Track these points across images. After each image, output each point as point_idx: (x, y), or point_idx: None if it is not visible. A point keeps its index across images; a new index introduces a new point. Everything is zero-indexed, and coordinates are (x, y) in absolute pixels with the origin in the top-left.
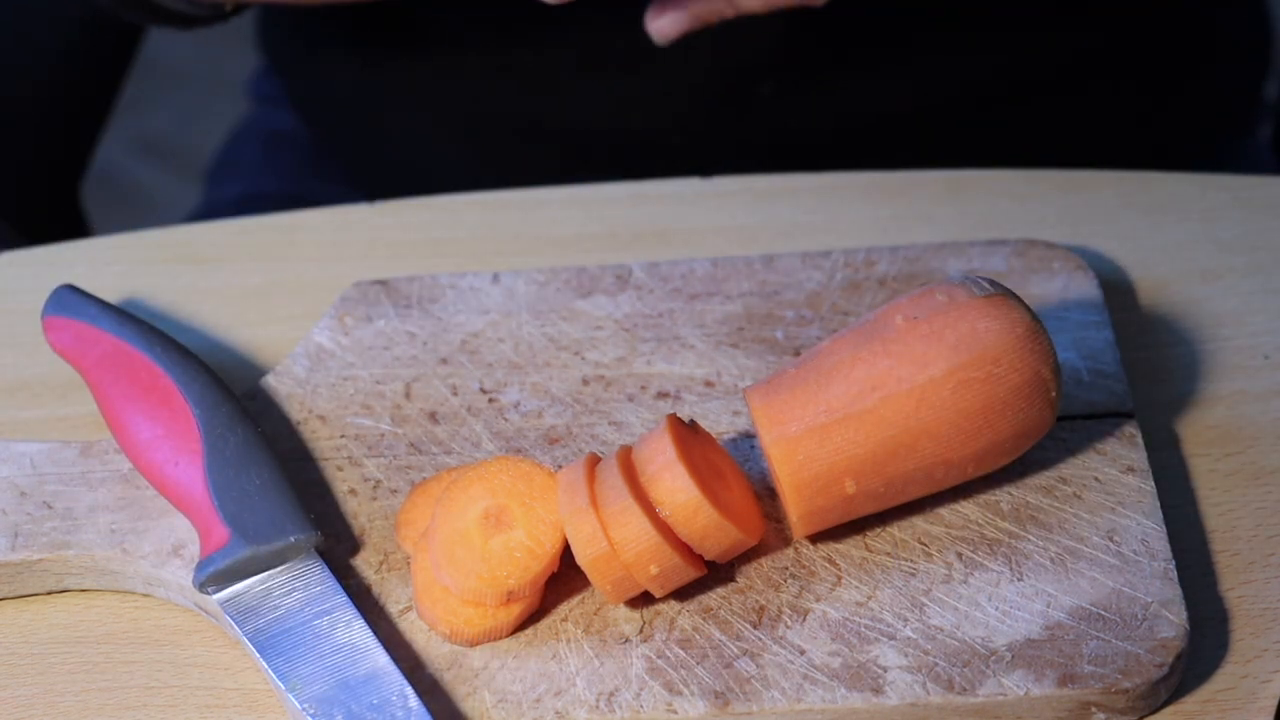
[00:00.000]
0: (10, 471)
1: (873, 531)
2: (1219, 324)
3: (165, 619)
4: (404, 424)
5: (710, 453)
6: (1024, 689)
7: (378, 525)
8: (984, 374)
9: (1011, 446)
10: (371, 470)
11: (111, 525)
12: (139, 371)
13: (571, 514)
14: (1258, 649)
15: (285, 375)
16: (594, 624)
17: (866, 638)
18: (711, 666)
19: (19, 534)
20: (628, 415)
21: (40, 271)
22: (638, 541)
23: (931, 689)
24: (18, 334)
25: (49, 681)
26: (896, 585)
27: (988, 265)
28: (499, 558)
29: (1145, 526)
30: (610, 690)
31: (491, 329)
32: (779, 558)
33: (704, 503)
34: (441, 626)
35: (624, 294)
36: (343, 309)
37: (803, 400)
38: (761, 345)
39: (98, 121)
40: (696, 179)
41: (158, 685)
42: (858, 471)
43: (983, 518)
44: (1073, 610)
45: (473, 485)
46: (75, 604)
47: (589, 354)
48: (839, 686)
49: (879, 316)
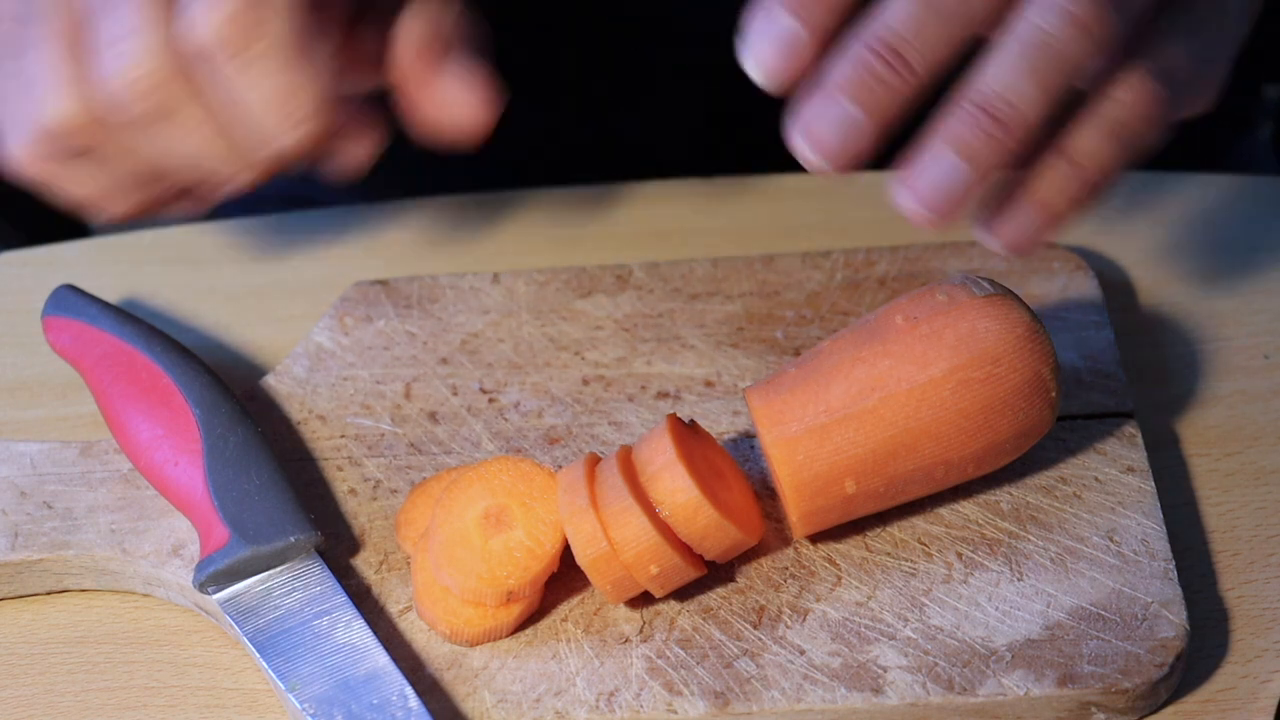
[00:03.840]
0: (10, 471)
1: (873, 531)
2: (1219, 324)
3: (165, 619)
4: (404, 424)
5: (710, 453)
6: (1024, 689)
7: (378, 525)
8: (984, 374)
9: (1011, 447)
10: (371, 470)
11: (111, 525)
12: (139, 371)
13: (571, 514)
14: (1258, 649)
15: (285, 375)
16: (594, 624)
17: (866, 638)
18: (711, 666)
19: (19, 534)
20: (628, 415)
21: (40, 271)
22: (638, 541)
23: (931, 689)
24: (18, 334)
25: (49, 681)
26: (896, 585)
27: (988, 265)
28: (499, 558)
29: (1145, 526)
30: (610, 690)
31: (491, 329)
32: (779, 558)
33: (704, 503)
34: (441, 626)
35: (624, 294)
36: (343, 309)
37: (803, 400)
38: (761, 345)
39: None
40: (696, 179)
41: (158, 685)
42: (858, 471)
43: (983, 518)
44: (1073, 610)
45: (473, 485)
46: (75, 604)
47: (589, 354)
48: (839, 686)
49: (879, 316)
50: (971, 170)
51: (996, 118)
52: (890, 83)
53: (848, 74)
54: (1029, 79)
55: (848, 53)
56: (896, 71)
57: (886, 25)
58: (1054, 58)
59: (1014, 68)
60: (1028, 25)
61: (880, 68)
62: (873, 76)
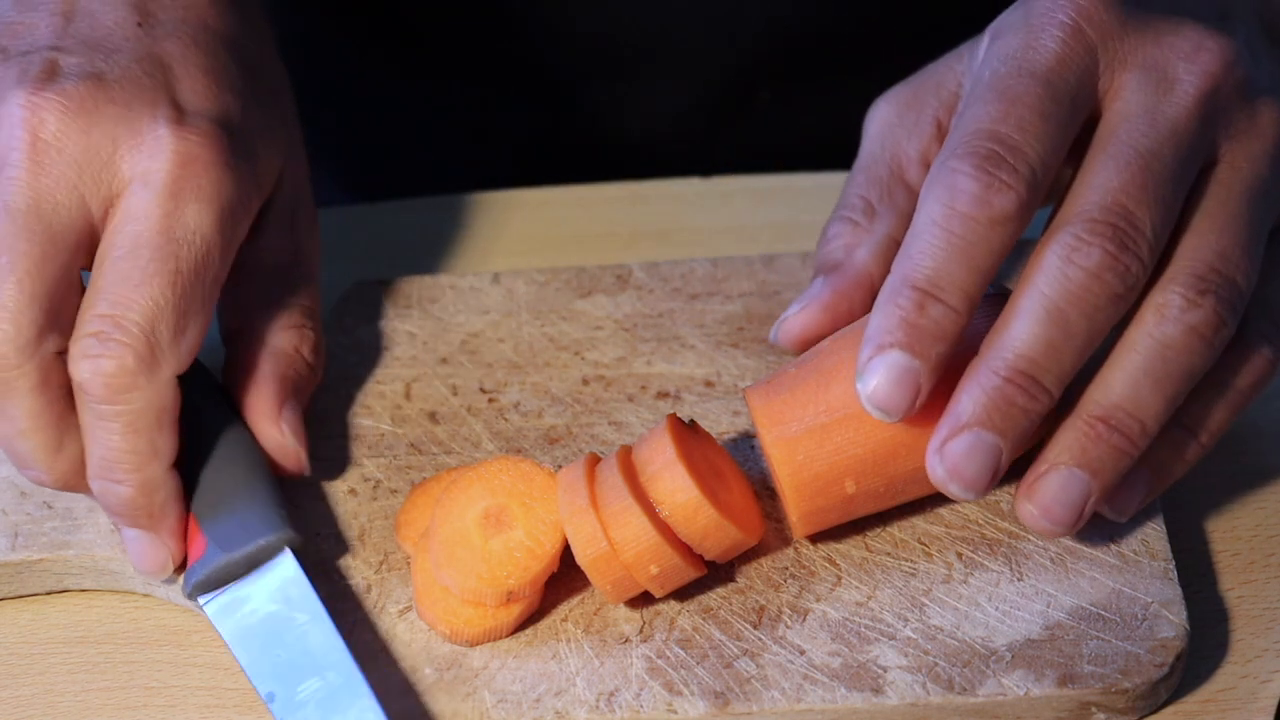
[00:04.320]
0: (10, 471)
1: (873, 531)
2: None
3: (165, 619)
4: (404, 424)
5: (710, 453)
6: (1024, 689)
7: (378, 525)
8: None
9: None
10: (371, 470)
11: (111, 525)
12: None
13: (571, 514)
14: (1258, 649)
15: None
16: (594, 624)
17: (866, 638)
18: (711, 666)
19: (19, 534)
20: (628, 415)
21: None
22: (638, 541)
23: (931, 689)
24: None
25: (49, 681)
26: (896, 585)
27: None
28: (499, 558)
29: (1145, 526)
30: (610, 690)
31: (491, 329)
32: (779, 558)
33: (704, 503)
34: (441, 626)
35: (624, 294)
36: (343, 309)
37: (803, 400)
38: (761, 345)
39: None
40: (696, 179)
41: (158, 685)
42: (858, 471)
43: (983, 518)
44: (1073, 610)
45: (473, 485)
46: (75, 604)
47: (589, 354)
48: (839, 686)
49: None
50: (1095, 483)
51: (1120, 430)
52: (1027, 409)
53: (985, 405)
54: (1151, 390)
55: (981, 382)
56: (1034, 397)
57: (1018, 353)
58: (1174, 368)
59: (1135, 381)
60: (1148, 338)
61: (1017, 396)
62: (1010, 405)
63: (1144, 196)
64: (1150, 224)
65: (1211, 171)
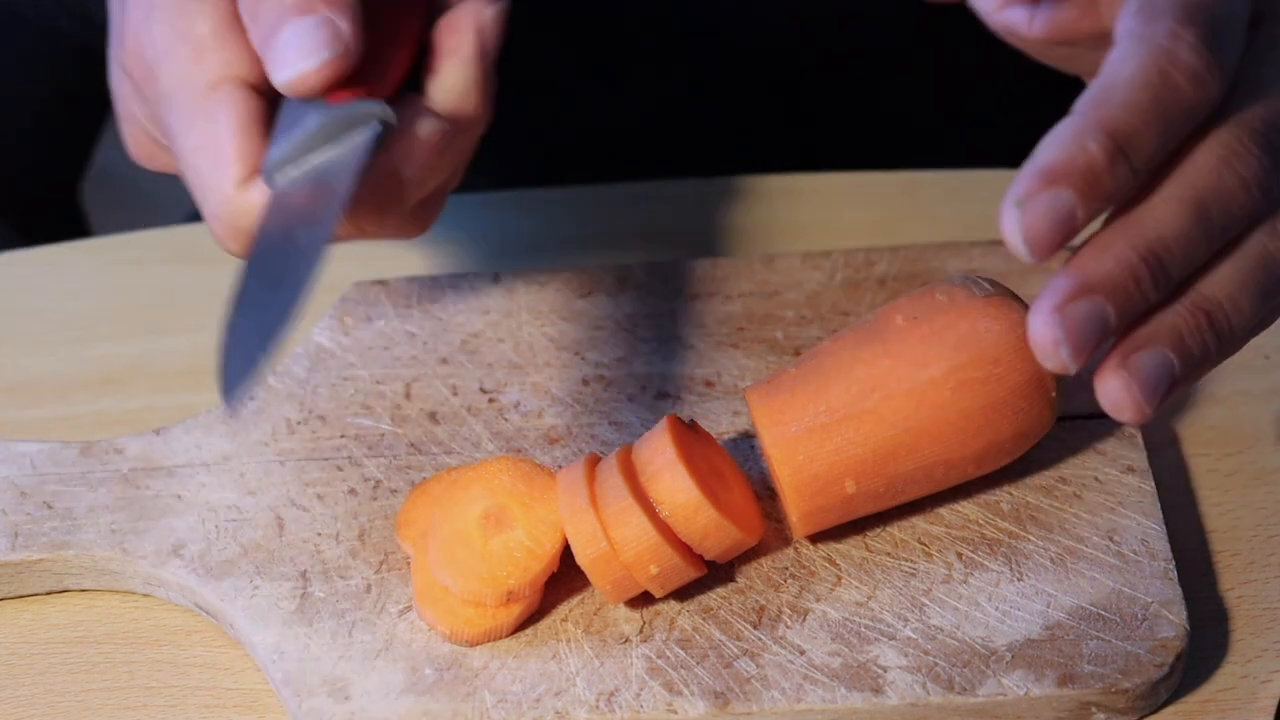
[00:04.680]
0: (10, 471)
1: (873, 531)
2: None
3: (165, 619)
4: (404, 424)
5: (710, 453)
6: (1024, 689)
7: (378, 525)
8: (984, 374)
9: (1011, 446)
10: (371, 470)
11: (111, 525)
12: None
13: (571, 514)
14: (1258, 649)
15: (285, 375)
16: (594, 624)
17: (866, 638)
18: (711, 666)
19: (19, 534)
20: (628, 415)
21: (40, 271)
22: (638, 541)
23: (931, 689)
24: (18, 334)
25: (49, 681)
26: (896, 585)
27: (988, 265)
28: (499, 558)
29: (1145, 526)
30: (610, 690)
31: (491, 329)
32: (779, 558)
33: (704, 503)
34: (441, 626)
35: (624, 294)
36: (343, 309)
37: (803, 400)
38: (761, 345)
39: (98, 121)
40: (696, 179)
41: (158, 685)
42: (858, 471)
43: (983, 518)
44: (1073, 610)
45: (473, 485)
46: (75, 604)
47: (589, 354)
48: (839, 686)
49: (879, 316)
50: (1180, 369)
51: (1215, 325)
52: (1148, 293)
53: (1113, 274)
54: (1253, 295)
55: (1115, 251)
56: (1157, 284)
57: (1159, 236)
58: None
59: (1241, 282)
60: (1258, 245)
61: (1145, 276)
62: (1135, 283)
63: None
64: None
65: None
